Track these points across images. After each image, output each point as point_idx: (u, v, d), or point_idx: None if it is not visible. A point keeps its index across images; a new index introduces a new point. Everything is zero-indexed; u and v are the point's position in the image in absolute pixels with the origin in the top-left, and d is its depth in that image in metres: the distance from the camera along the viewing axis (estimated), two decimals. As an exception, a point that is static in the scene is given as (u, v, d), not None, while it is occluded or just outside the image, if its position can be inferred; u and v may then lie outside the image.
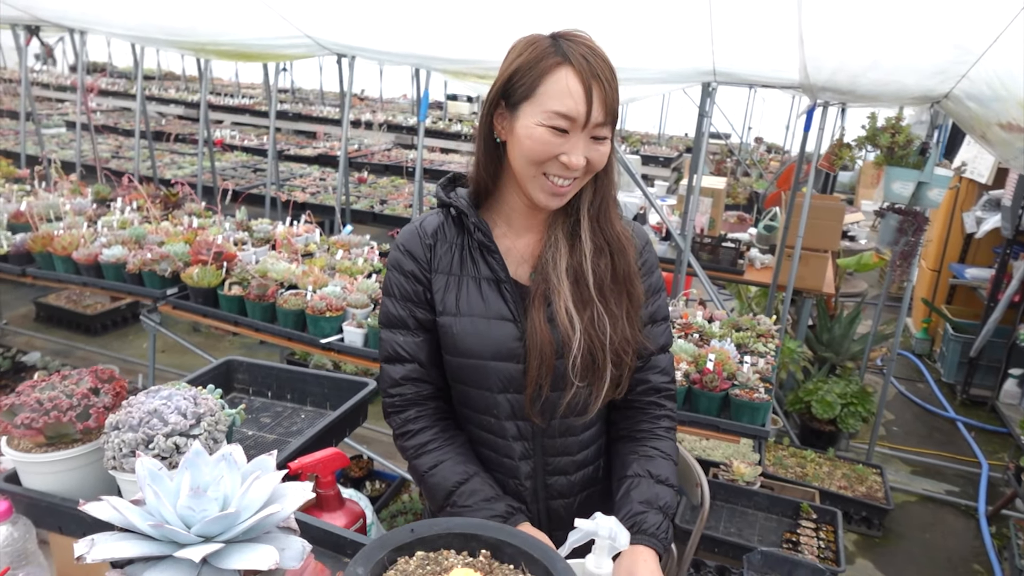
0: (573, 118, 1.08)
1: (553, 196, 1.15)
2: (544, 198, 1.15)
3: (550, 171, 1.12)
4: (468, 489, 1.20)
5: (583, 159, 1.10)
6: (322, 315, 2.65)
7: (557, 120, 1.08)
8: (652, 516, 1.16)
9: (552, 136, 1.09)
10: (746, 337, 2.81)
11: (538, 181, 1.14)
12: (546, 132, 1.09)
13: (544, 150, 1.10)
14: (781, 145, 10.61)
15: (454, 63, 4.23)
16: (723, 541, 2.77)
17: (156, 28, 4.80)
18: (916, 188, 3.27)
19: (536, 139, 1.10)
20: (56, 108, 10.18)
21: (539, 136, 1.09)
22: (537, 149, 1.10)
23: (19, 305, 5.43)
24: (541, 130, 1.09)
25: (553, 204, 1.16)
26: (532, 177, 1.14)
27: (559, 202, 1.16)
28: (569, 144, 1.10)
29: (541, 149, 1.10)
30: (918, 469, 4.05)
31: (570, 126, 1.09)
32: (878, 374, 5.09)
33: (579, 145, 1.10)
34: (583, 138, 1.10)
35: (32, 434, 1.18)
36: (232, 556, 0.79)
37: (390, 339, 1.26)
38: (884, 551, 3.32)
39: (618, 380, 1.22)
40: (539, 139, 1.09)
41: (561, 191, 1.14)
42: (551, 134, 1.09)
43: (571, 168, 1.11)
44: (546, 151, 1.10)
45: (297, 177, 7.04)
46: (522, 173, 1.15)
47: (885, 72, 3.00)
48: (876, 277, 7.09)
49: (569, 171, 1.12)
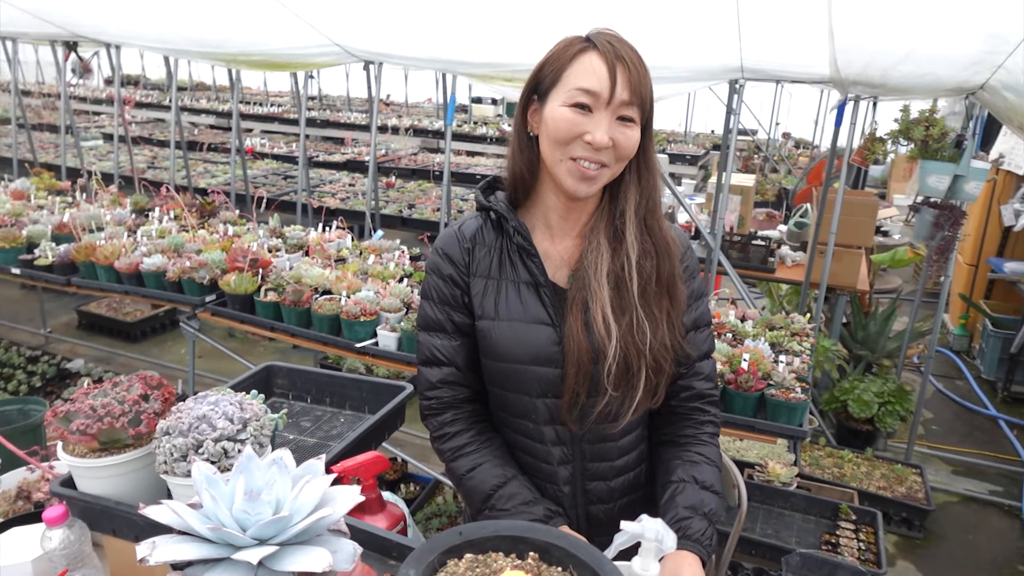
0: (597, 93, 1.08)
1: (581, 180, 1.13)
2: (572, 183, 1.13)
3: (576, 153, 1.11)
4: (506, 492, 1.21)
5: (607, 137, 1.09)
6: (356, 320, 2.69)
7: (580, 96, 1.09)
8: (697, 522, 1.15)
9: (576, 115, 1.10)
10: (780, 336, 2.79)
11: (565, 165, 1.13)
12: (569, 111, 1.10)
13: (568, 128, 1.10)
14: (810, 140, 10.48)
15: (480, 67, 4.25)
16: (760, 543, 2.75)
17: (188, 41, 4.90)
18: (952, 181, 3.21)
19: (560, 118, 1.10)
20: (93, 121, 10.43)
21: (563, 115, 1.10)
22: (562, 128, 1.10)
23: (62, 313, 5.58)
24: (565, 109, 1.10)
25: (582, 190, 1.14)
26: (559, 161, 1.13)
27: (588, 188, 1.14)
28: (593, 122, 1.10)
29: (565, 128, 1.10)
30: (959, 469, 3.97)
31: (593, 102, 1.09)
32: (915, 372, 5.00)
33: (603, 123, 1.09)
34: (607, 116, 1.10)
35: (86, 440, 1.22)
36: (287, 558, 0.81)
37: (427, 342, 1.27)
38: (926, 553, 3.27)
39: (654, 390, 1.20)
40: (563, 118, 1.10)
41: (589, 175, 1.12)
42: (575, 112, 1.10)
43: (595, 146, 1.10)
44: (570, 130, 1.10)
45: (327, 183, 7.13)
46: (550, 159, 1.15)
47: (918, 64, 2.95)
48: (911, 273, 6.96)
49: (595, 152, 1.11)
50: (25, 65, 11.80)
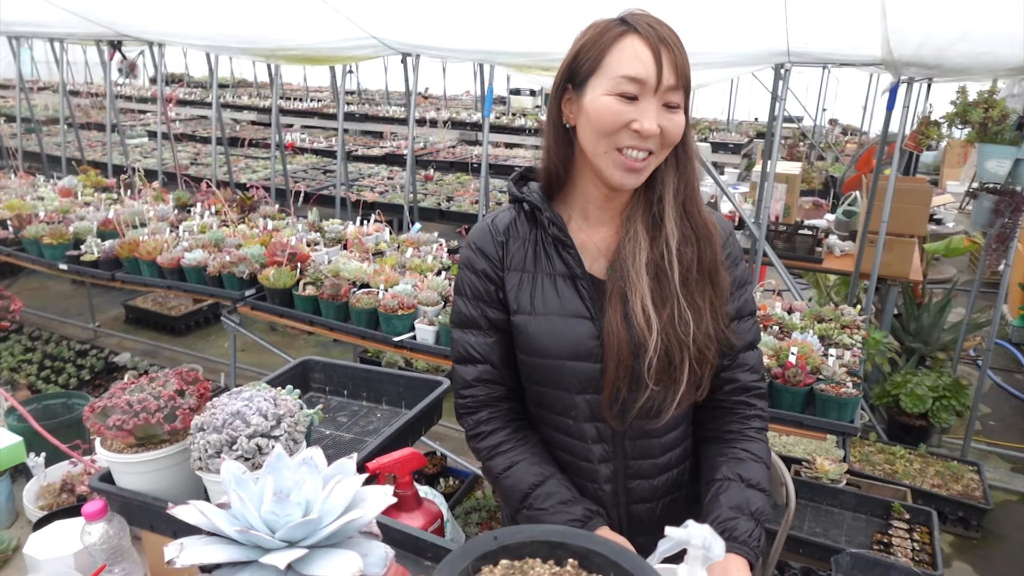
0: (643, 80, 1.03)
1: (629, 172, 1.08)
2: (619, 175, 1.09)
3: (622, 143, 1.06)
4: (544, 492, 1.17)
5: (656, 125, 1.04)
6: (394, 313, 2.67)
7: (626, 85, 1.04)
8: (743, 523, 1.10)
9: (621, 104, 1.04)
10: (830, 328, 2.68)
11: (611, 156, 1.08)
12: (614, 100, 1.05)
13: (614, 119, 1.05)
14: (858, 127, 10.17)
15: (518, 56, 4.20)
16: (808, 542, 2.66)
17: (229, 37, 4.96)
18: (1013, 166, 3.06)
19: (604, 109, 1.05)
20: (138, 119, 10.68)
21: (607, 105, 1.05)
22: (607, 119, 1.05)
23: (110, 308, 5.72)
24: (609, 99, 1.05)
25: (629, 182, 1.09)
26: (604, 153, 1.08)
27: (635, 179, 1.10)
28: (639, 110, 1.04)
29: (611, 119, 1.05)
30: (1019, 466, 3.80)
31: (640, 91, 1.04)
32: (972, 365, 4.81)
33: (650, 110, 1.04)
34: (655, 103, 1.05)
35: (123, 435, 1.21)
36: (315, 562, 0.79)
37: (462, 339, 1.24)
38: (983, 553, 3.13)
39: (698, 382, 1.15)
40: (607, 108, 1.05)
41: (636, 166, 1.08)
42: (620, 102, 1.04)
43: (644, 135, 1.05)
44: (616, 120, 1.05)
45: (365, 177, 7.17)
46: (593, 151, 1.10)
47: (976, 43, 2.81)
48: (966, 262, 6.70)
49: (643, 140, 1.06)
50: (74, 66, 12.17)
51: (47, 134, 7.71)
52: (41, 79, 12.16)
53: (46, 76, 12.49)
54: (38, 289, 6.03)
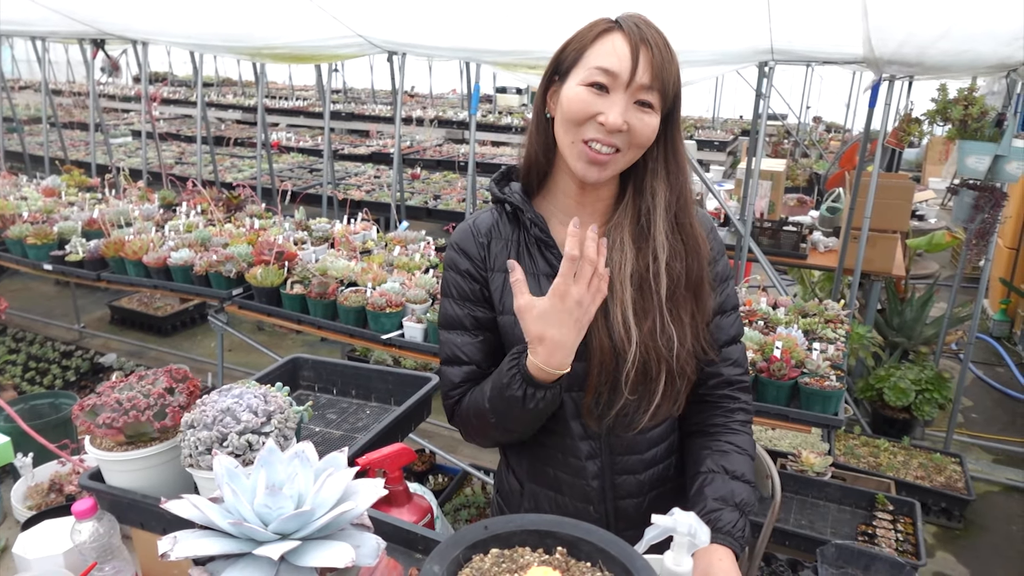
0: (616, 73, 1.04)
1: (591, 165, 1.08)
2: (582, 167, 1.09)
3: (588, 135, 1.07)
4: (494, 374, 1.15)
5: (621, 120, 1.04)
6: (382, 311, 2.68)
7: (598, 76, 1.05)
8: (728, 514, 1.11)
9: (591, 95, 1.05)
10: (814, 323, 2.72)
11: (576, 147, 1.09)
12: (585, 91, 1.06)
13: (582, 108, 1.06)
14: (841, 124, 10.26)
15: (504, 55, 4.21)
16: (794, 534, 2.69)
17: (214, 35, 4.93)
18: (993, 162, 3.10)
19: (575, 97, 1.06)
20: (122, 118, 10.59)
21: (578, 94, 1.06)
22: (575, 108, 1.06)
23: (95, 309, 5.67)
24: (581, 88, 1.06)
25: (591, 175, 1.09)
26: (571, 143, 1.09)
27: (597, 173, 1.09)
28: (608, 103, 1.05)
29: (579, 108, 1.06)
30: (1000, 458, 3.86)
31: (611, 83, 1.05)
32: (954, 359, 4.88)
33: (618, 105, 1.05)
34: (624, 99, 1.05)
35: (113, 433, 1.22)
36: (309, 554, 0.80)
37: (448, 340, 1.24)
38: (966, 544, 3.18)
39: (675, 396, 1.16)
40: (578, 97, 1.06)
41: (599, 159, 1.07)
42: (590, 92, 1.06)
43: (609, 129, 1.05)
44: (583, 109, 1.06)
45: (352, 176, 7.15)
46: (563, 141, 1.11)
47: (957, 41, 2.84)
48: (948, 258, 6.78)
49: (608, 135, 1.06)
50: (56, 65, 12.04)
51: (29, 133, 7.63)
52: (22, 78, 12.03)
53: (27, 75, 12.37)
54: (21, 290, 5.98)
